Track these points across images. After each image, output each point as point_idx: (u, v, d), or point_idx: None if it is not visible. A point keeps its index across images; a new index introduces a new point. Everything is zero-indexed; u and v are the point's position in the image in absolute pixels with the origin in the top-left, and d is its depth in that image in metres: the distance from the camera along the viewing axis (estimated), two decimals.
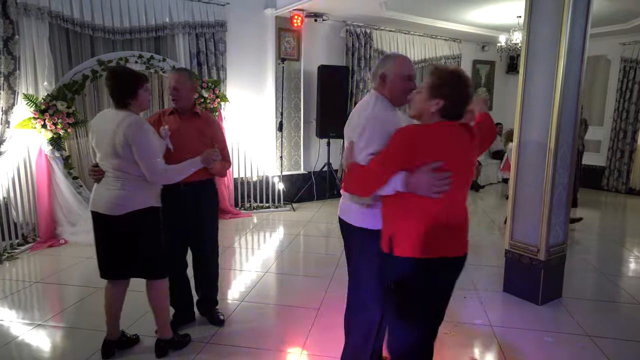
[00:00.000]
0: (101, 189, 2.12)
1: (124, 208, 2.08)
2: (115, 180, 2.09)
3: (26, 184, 4.08)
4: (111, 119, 2.08)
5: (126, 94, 2.08)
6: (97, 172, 2.12)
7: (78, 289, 3.10)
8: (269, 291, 3.18)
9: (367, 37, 6.30)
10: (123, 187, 2.08)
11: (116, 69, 2.17)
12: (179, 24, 4.83)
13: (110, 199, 2.08)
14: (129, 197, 2.08)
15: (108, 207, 2.09)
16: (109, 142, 2.05)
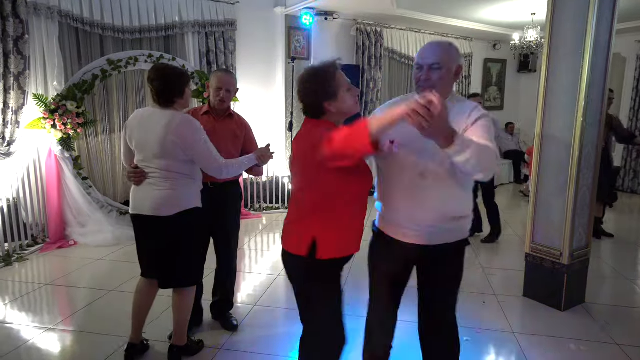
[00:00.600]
0: (145, 191, 2.05)
1: (173, 208, 2.03)
2: (164, 181, 2.03)
3: (36, 185, 4.05)
4: (158, 119, 2.02)
5: (175, 93, 2.05)
6: (139, 175, 2.04)
7: (88, 292, 3.05)
8: (281, 295, 3.11)
9: (378, 35, 6.21)
10: (172, 187, 2.03)
11: (164, 68, 2.10)
12: (189, 23, 4.78)
13: (159, 199, 2.02)
14: (179, 197, 2.04)
15: (156, 208, 2.02)
16: (158, 142, 1.98)
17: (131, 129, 2.07)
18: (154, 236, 2.08)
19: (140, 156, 2.05)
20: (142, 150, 2.03)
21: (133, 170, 2.06)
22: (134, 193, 2.09)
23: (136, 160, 2.07)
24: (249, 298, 3.01)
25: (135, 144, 2.05)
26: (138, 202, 2.07)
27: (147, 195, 2.04)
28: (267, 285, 3.22)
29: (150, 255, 2.14)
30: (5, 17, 3.78)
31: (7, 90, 3.87)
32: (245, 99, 5.26)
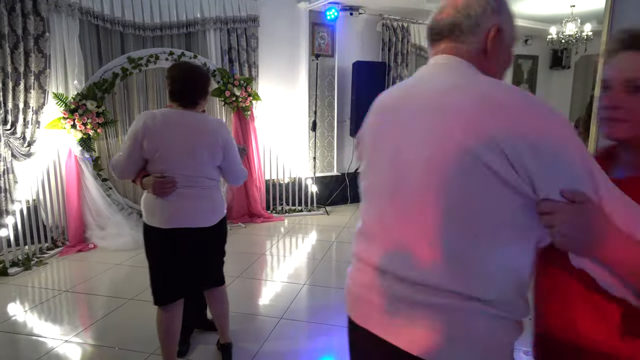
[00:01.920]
0: (180, 202, 1.84)
1: (215, 217, 1.95)
2: (203, 189, 1.89)
3: (56, 186, 3.96)
4: (192, 122, 1.86)
5: (200, 94, 1.91)
6: (171, 184, 1.81)
7: (107, 300, 2.92)
8: (308, 306, 2.91)
9: (405, 31, 5.95)
10: (212, 194, 1.93)
11: (190, 66, 1.93)
12: (210, 19, 4.63)
13: (202, 209, 1.88)
14: (220, 203, 1.97)
15: (200, 219, 1.89)
16: (194, 146, 1.83)
17: (153, 133, 1.79)
18: (194, 247, 1.93)
19: (168, 164, 1.82)
20: (171, 156, 1.81)
21: (167, 180, 1.80)
22: (167, 205, 1.83)
23: (157, 169, 1.82)
24: (275, 310, 2.82)
25: (162, 151, 1.80)
26: (175, 215, 1.85)
27: (184, 207, 1.85)
28: (294, 296, 3.03)
29: (181, 268, 1.93)
30: (26, 14, 3.70)
31: (28, 89, 3.79)
32: (267, 98, 5.09)
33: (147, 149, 1.81)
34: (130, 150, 1.83)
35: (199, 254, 1.95)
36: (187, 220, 1.86)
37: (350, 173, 5.84)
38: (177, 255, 1.90)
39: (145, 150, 1.81)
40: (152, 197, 1.85)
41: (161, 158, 1.81)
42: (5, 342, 2.41)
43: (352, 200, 5.85)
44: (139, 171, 1.88)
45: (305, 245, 4.29)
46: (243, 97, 4.63)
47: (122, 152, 1.87)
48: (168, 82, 1.89)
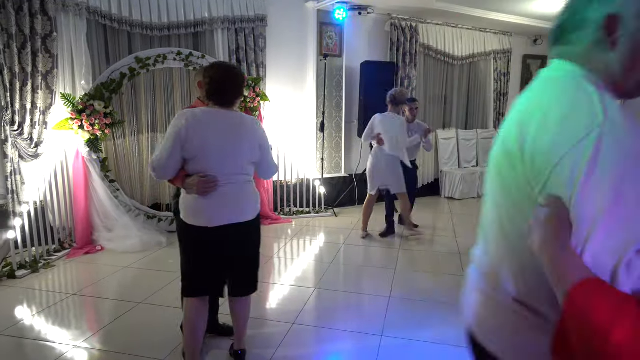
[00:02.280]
0: (226, 199, 1.89)
1: (255, 211, 2.01)
2: (242, 185, 1.93)
3: (63, 188, 3.92)
4: (230, 120, 1.90)
5: (238, 93, 1.96)
6: (214, 183, 1.85)
7: (116, 304, 2.87)
8: (322, 311, 2.85)
9: (413, 31, 5.89)
10: (250, 188, 1.99)
11: (233, 67, 2.00)
12: (218, 18, 4.58)
13: (244, 203, 1.94)
14: (257, 196, 2.03)
15: (244, 213, 1.94)
16: (236, 145, 1.88)
17: (195, 132, 1.81)
18: (239, 243, 1.96)
19: (210, 163, 1.85)
20: (216, 155, 1.85)
21: (210, 179, 1.84)
22: (206, 205, 1.86)
23: (199, 168, 1.85)
24: (287, 315, 2.76)
25: (205, 150, 1.83)
26: (219, 213, 1.89)
27: (228, 203, 1.90)
28: (306, 300, 2.97)
29: (222, 267, 2.00)
30: (34, 14, 3.67)
31: (35, 89, 3.75)
32: (275, 99, 5.04)
33: (190, 149, 1.83)
34: (172, 150, 1.83)
35: (244, 250, 2.00)
36: (232, 215, 1.90)
37: (358, 174, 5.77)
38: (222, 253, 1.96)
39: (187, 149, 1.83)
40: (194, 196, 1.87)
41: (203, 157, 1.85)
42: (14, 347, 2.36)
43: (360, 201, 5.78)
44: (179, 171, 1.90)
45: (313, 247, 4.23)
46: (251, 98, 4.58)
47: (162, 152, 1.85)
48: (206, 82, 1.91)
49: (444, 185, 6.47)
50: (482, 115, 7.07)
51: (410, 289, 3.14)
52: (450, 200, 6.29)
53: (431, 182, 6.59)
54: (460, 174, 6.30)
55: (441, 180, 6.56)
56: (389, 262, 3.72)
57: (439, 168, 6.60)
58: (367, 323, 2.65)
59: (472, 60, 6.67)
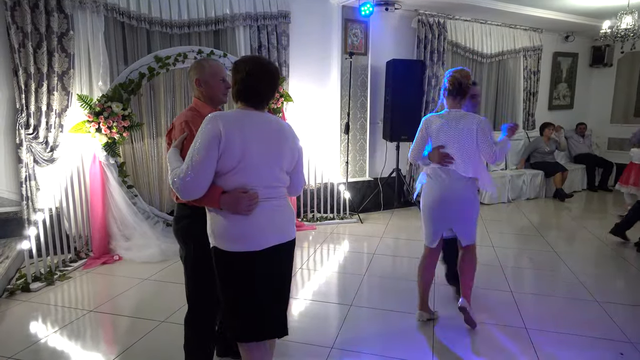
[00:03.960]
0: (270, 216, 1.59)
1: (294, 226, 1.76)
2: (281, 199, 1.67)
3: (79, 194, 3.73)
4: (270, 125, 1.63)
5: (274, 93, 1.69)
6: (256, 199, 1.55)
7: (136, 323, 2.65)
8: (360, 333, 2.59)
9: (441, 27, 5.60)
10: (289, 204, 1.73)
11: (268, 63, 1.66)
12: (240, 15, 4.36)
13: (288, 219, 1.70)
14: (294, 214, 1.77)
15: (290, 230, 1.70)
16: (278, 154, 1.62)
17: (234, 139, 1.50)
18: (286, 265, 1.72)
19: (250, 176, 1.54)
20: (257, 166, 1.55)
21: (253, 194, 1.53)
22: (245, 225, 1.55)
23: (237, 182, 1.54)
24: (323, 337, 2.50)
25: (246, 161, 1.52)
26: (263, 232, 1.58)
27: (274, 220, 1.62)
28: (342, 320, 2.71)
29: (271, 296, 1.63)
30: (50, 12, 3.49)
31: (51, 91, 3.57)
32: (298, 99, 4.80)
33: (228, 159, 1.50)
34: (208, 161, 1.48)
35: (290, 273, 1.75)
36: (280, 234, 1.64)
37: (384, 178, 5.51)
38: (273, 279, 1.64)
39: (224, 160, 1.51)
40: (232, 218, 1.54)
41: (244, 168, 1.53)
42: None
43: (385, 207, 5.52)
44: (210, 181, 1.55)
45: (343, 258, 3.97)
46: (275, 98, 4.34)
47: (191, 164, 1.49)
48: (240, 78, 1.58)
49: None
50: (511, 116, 6.74)
51: (455, 307, 2.86)
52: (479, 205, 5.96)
53: None
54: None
55: None
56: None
57: None
58: (415, 350, 2.38)
59: (501, 57, 6.36)
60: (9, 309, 2.79)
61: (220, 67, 1.90)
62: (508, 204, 6.05)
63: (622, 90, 7.41)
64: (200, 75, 1.84)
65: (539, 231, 4.75)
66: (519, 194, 6.27)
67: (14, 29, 3.36)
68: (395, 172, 5.44)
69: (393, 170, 5.45)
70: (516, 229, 4.91)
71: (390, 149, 5.53)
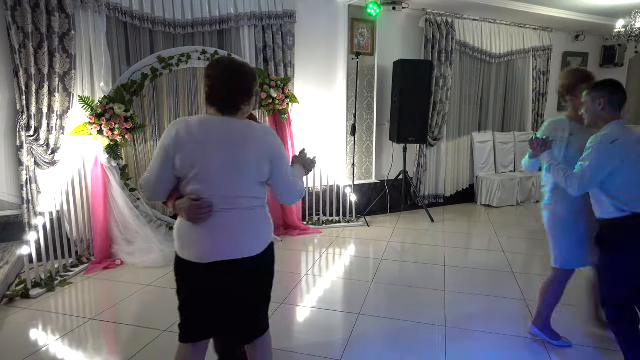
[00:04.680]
0: (222, 230, 1.51)
1: (262, 242, 1.61)
2: (244, 211, 1.54)
3: (81, 197, 3.66)
4: (231, 131, 1.53)
5: (242, 96, 1.55)
6: (208, 208, 1.49)
7: (138, 332, 2.57)
8: (371, 344, 2.49)
9: (449, 27, 5.49)
10: (256, 216, 1.59)
11: (229, 62, 1.57)
12: (245, 15, 4.27)
13: (244, 235, 1.54)
14: (265, 226, 1.63)
15: (243, 248, 1.54)
16: (237, 161, 1.50)
17: (188, 146, 1.49)
18: (236, 284, 1.57)
19: (205, 183, 1.49)
20: (213, 174, 1.49)
21: (203, 204, 1.48)
22: (198, 235, 1.51)
23: (192, 190, 1.50)
24: (332, 349, 2.41)
25: (199, 168, 1.49)
26: (212, 246, 1.51)
27: (225, 235, 1.52)
28: (350, 329, 2.62)
29: (218, 310, 1.59)
30: (51, 11, 3.42)
31: (52, 92, 3.50)
32: (303, 100, 4.71)
33: (181, 166, 1.50)
34: (160, 167, 1.52)
35: (244, 292, 1.59)
36: (228, 250, 1.52)
37: (390, 180, 5.41)
38: (218, 293, 1.57)
39: (178, 167, 1.51)
40: (187, 224, 1.53)
41: (197, 176, 1.49)
42: None
43: (392, 209, 5.42)
44: (171, 191, 1.57)
45: (350, 264, 3.87)
46: (280, 100, 4.25)
47: (151, 169, 1.56)
48: (205, 83, 1.55)
49: (480, 192, 6.04)
50: (520, 117, 6.62)
51: (468, 316, 2.77)
52: (488, 208, 5.87)
53: (466, 188, 6.17)
54: (498, 180, 5.87)
55: (477, 186, 6.14)
56: (435, 281, 3.35)
57: (475, 173, 6.18)
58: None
59: (510, 58, 6.23)
60: (8, 317, 2.72)
61: None
62: (517, 207, 5.93)
63: (634, 91, 7.25)
64: None
65: None
66: (528, 196, 6.15)
67: (15, 29, 3.29)
68: (402, 175, 5.34)
69: (400, 173, 5.35)
70: (526, 232, 4.79)
71: (397, 150, 5.43)
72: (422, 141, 5.32)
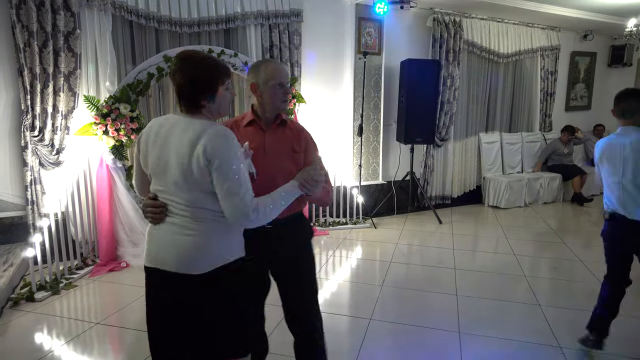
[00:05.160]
0: (166, 235, 1.40)
1: (206, 263, 1.38)
2: (194, 222, 1.38)
3: (86, 198, 3.61)
4: (180, 129, 1.37)
5: (201, 93, 1.39)
6: (159, 209, 1.40)
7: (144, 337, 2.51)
8: (386, 351, 2.43)
9: (457, 26, 5.42)
10: (202, 231, 1.39)
11: (187, 55, 1.43)
12: (251, 13, 4.21)
13: (187, 249, 1.37)
14: (213, 245, 1.40)
15: (184, 263, 1.37)
16: (181, 163, 1.34)
17: (145, 144, 1.43)
18: (179, 301, 1.42)
19: (159, 184, 1.41)
20: (162, 175, 1.39)
21: (151, 203, 1.42)
22: (151, 235, 1.45)
23: (153, 188, 1.44)
24: (344, 353, 2.35)
25: (151, 166, 1.42)
26: (156, 251, 1.42)
27: (170, 242, 1.39)
28: (359, 334, 2.57)
29: (167, 327, 1.49)
30: (56, 10, 3.36)
31: (57, 92, 3.44)
32: (310, 100, 4.65)
33: (142, 163, 1.48)
34: (137, 163, 1.53)
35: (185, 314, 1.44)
36: (165, 260, 1.40)
37: (397, 181, 5.35)
38: (161, 307, 1.48)
39: (142, 164, 1.49)
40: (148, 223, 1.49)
41: (153, 175, 1.44)
42: None
43: (399, 211, 5.36)
44: (147, 189, 1.51)
45: (358, 266, 3.82)
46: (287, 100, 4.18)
47: None
48: (170, 79, 1.47)
49: (488, 193, 5.97)
50: (527, 117, 6.55)
51: (482, 322, 2.71)
52: (495, 209, 5.80)
53: (473, 189, 6.11)
54: (506, 181, 5.80)
55: (484, 187, 6.07)
56: (446, 285, 3.29)
57: (482, 174, 6.11)
58: None
59: (518, 57, 6.16)
60: (13, 320, 2.67)
61: (278, 70, 1.66)
62: (525, 208, 5.87)
63: None
64: (255, 79, 1.65)
65: (560, 237, 4.57)
66: (535, 197, 6.08)
67: (19, 28, 3.24)
68: (409, 176, 5.28)
69: (407, 174, 5.29)
70: (535, 234, 4.73)
71: (404, 151, 5.37)
72: (430, 142, 5.26)
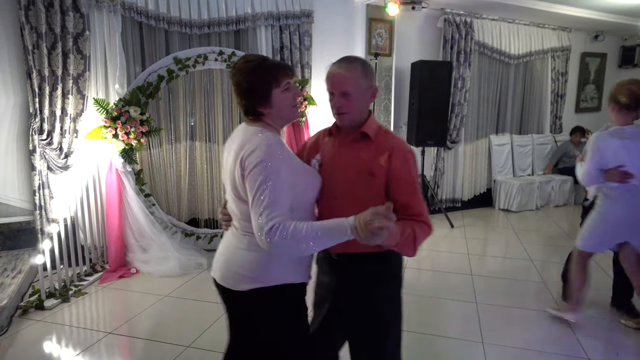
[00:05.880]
0: (221, 244, 1.43)
1: (247, 281, 1.28)
2: (240, 234, 1.33)
3: (95, 203, 3.54)
4: (237, 138, 1.34)
5: (251, 99, 1.31)
6: (225, 216, 1.45)
7: (161, 348, 2.44)
8: None
9: (468, 27, 5.35)
10: (251, 246, 1.29)
11: (239, 61, 1.35)
12: (262, 15, 4.15)
13: (228, 262, 1.34)
14: (260, 264, 1.28)
15: (224, 275, 1.35)
16: (231, 172, 1.30)
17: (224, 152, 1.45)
18: (229, 311, 1.45)
19: (227, 192, 1.40)
20: (226, 183, 1.38)
21: (221, 211, 1.48)
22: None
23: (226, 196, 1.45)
24: None
25: (223, 174, 1.43)
26: (215, 259, 1.45)
27: (220, 251, 1.42)
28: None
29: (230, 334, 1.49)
30: (65, 11, 3.30)
31: (66, 94, 3.38)
32: (320, 102, 4.57)
33: None
34: None
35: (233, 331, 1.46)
36: (216, 269, 1.41)
37: None
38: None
39: None
40: None
41: (225, 184, 1.42)
42: None
43: None
44: None
45: None
46: (299, 102, 4.12)
47: None
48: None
49: (499, 196, 5.89)
50: (538, 119, 6.47)
51: (506, 331, 2.62)
52: (506, 213, 5.71)
53: (483, 192, 6.02)
54: (517, 184, 5.72)
55: (494, 190, 5.99)
56: (464, 292, 3.20)
57: (492, 177, 6.03)
58: None
59: (529, 58, 6.08)
60: (22, 329, 2.60)
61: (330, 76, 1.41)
62: (537, 212, 5.78)
63: None
64: None
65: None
66: (547, 200, 5.99)
67: (28, 29, 3.17)
68: (420, 178, 5.19)
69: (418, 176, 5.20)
70: (548, 237, 4.64)
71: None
72: (441, 144, 5.18)
